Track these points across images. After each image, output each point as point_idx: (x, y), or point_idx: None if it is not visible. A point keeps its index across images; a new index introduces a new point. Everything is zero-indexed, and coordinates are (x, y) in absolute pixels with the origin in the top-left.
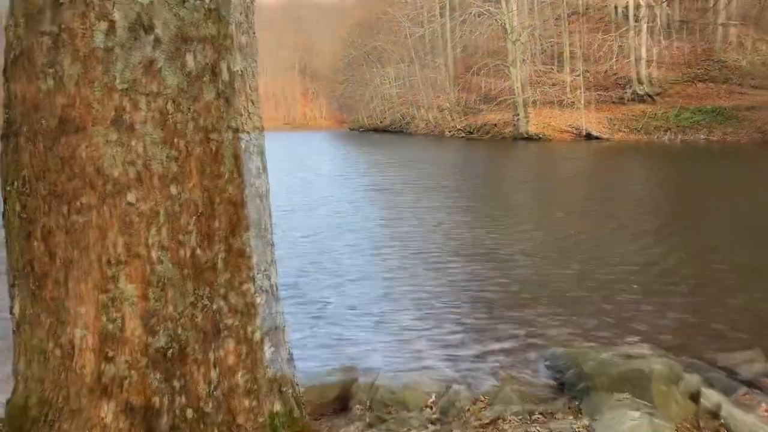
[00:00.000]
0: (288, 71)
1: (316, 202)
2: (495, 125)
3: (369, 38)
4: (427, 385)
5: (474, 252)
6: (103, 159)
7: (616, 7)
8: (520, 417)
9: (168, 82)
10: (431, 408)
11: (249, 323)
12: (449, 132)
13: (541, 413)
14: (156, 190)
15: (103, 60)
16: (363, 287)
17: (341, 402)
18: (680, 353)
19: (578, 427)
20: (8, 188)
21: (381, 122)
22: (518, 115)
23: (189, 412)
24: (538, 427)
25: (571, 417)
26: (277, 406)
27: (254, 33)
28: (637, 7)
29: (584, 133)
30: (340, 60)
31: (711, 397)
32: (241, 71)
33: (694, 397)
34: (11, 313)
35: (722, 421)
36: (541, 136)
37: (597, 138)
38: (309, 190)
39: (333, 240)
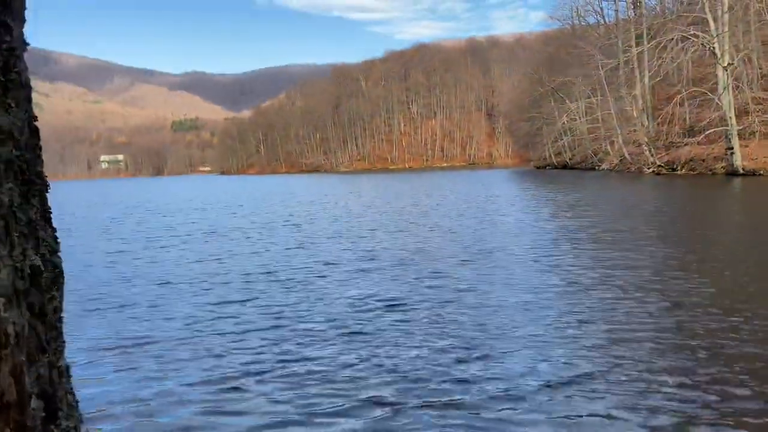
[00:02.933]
0: (474, 112)
1: (491, 252)
2: (703, 160)
3: (556, 74)
4: None
5: (703, 338)
6: None
7: None
8: None
9: None
10: None
11: None
12: (648, 168)
13: None
14: None
15: None
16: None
17: None
18: None
19: None
20: None
21: (570, 159)
22: (732, 148)
23: None
24: None
25: None
26: None
27: None
28: None
29: None
30: (527, 97)
31: None
32: None
33: None
34: None
35: None
36: (761, 172)
37: None
38: (488, 236)
39: (506, 305)
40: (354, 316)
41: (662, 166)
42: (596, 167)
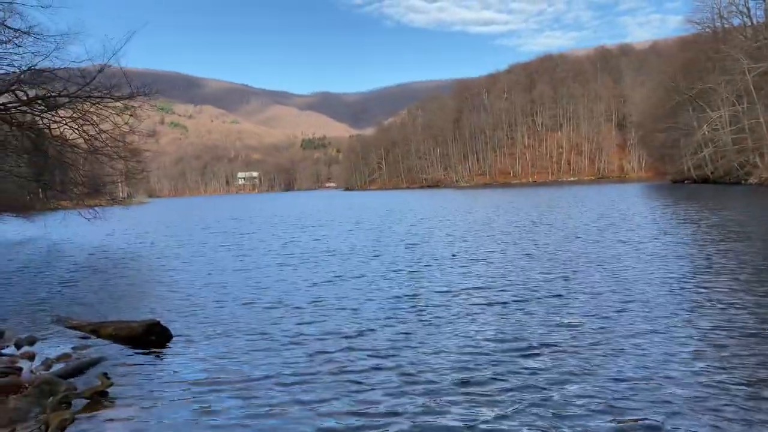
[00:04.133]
0: (604, 123)
1: (629, 284)
2: None
3: (696, 81)
4: None
5: None
6: None
7: None
8: None
9: None
10: None
11: None
12: None
13: None
14: None
15: None
16: None
17: None
18: None
19: None
20: None
21: (712, 173)
22: None
23: None
24: None
25: None
26: None
27: None
28: None
29: None
30: (662, 107)
31: None
32: None
33: None
34: None
35: None
36: None
37: None
38: (623, 263)
39: (655, 354)
40: (475, 363)
41: None
42: (743, 181)
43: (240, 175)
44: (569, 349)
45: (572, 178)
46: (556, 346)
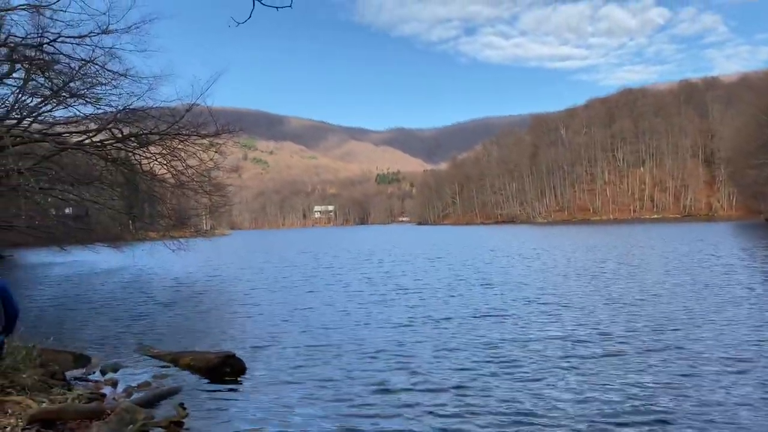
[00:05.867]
0: (690, 159)
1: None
2: None
3: None
4: None
5: None
6: None
7: None
8: None
9: None
10: None
11: None
12: None
13: None
14: None
15: None
16: None
17: None
18: None
19: None
20: None
21: None
22: None
23: None
24: None
25: None
26: None
27: None
28: None
29: None
30: (753, 142)
31: None
32: None
33: None
34: None
35: None
36: None
37: None
38: (727, 315)
39: None
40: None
41: None
42: None
43: (316, 208)
44: (670, 418)
45: (655, 216)
46: (654, 413)
